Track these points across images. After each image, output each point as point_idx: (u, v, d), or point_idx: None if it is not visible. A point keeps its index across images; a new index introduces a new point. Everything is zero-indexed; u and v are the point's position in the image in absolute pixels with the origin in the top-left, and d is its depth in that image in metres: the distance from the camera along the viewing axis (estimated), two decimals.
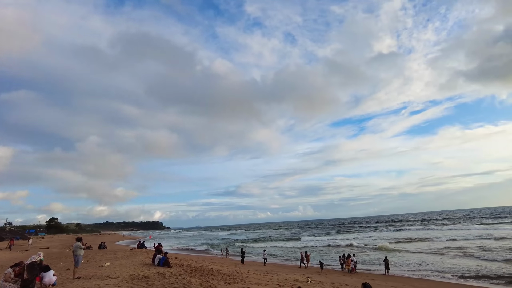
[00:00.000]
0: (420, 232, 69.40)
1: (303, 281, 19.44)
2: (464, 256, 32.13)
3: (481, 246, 38.28)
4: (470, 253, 33.68)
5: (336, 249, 46.85)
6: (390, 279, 23.44)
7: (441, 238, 51.12)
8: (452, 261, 30.15)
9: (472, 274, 24.19)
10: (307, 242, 63.26)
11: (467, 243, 42.49)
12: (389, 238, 58.35)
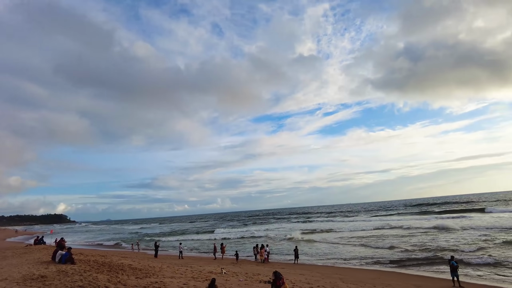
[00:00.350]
0: (327, 223, 75.70)
1: (217, 273, 19.59)
2: (362, 245, 35.96)
3: (376, 235, 43.44)
4: (367, 241, 37.88)
5: (251, 240, 48.35)
6: (299, 267, 25.09)
7: (344, 229, 56.63)
8: (353, 249, 33.60)
9: (369, 260, 27.30)
10: (222, 234, 64.13)
11: (364, 233, 47.82)
12: (300, 229, 62.42)
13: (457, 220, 54.17)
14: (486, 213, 66.32)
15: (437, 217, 65.51)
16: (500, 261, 22.23)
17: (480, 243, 29.79)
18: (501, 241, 29.90)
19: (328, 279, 18.74)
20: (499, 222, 45.24)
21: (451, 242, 32.18)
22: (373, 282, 17.89)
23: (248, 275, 19.67)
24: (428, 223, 51.90)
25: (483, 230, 38.52)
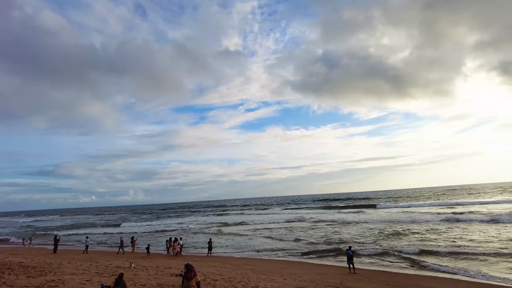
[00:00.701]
0: (242, 216, 77.68)
1: (126, 267, 18.60)
2: (272, 237, 37.77)
3: (286, 227, 46.11)
4: (277, 234, 39.94)
5: (165, 234, 47.03)
6: (212, 260, 25.28)
7: (258, 221, 58.87)
8: (265, 241, 35.10)
9: (278, 252, 28.84)
10: (130, 227, 61.04)
11: (276, 225, 50.42)
12: (216, 222, 62.87)
13: (355, 215, 60.75)
14: (379, 208, 75.67)
15: (340, 211, 72.42)
16: (387, 250, 25.53)
17: (373, 235, 33.81)
18: (388, 233, 34.39)
19: (240, 270, 19.26)
20: (390, 216, 51.89)
21: (351, 234, 35.90)
22: (281, 272, 18.96)
23: (159, 268, 19.12)
24: (331, 217, 57.07)
25: (376, 223, 43.83)
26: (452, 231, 32.46)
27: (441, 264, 20.17)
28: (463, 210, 52.19)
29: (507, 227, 33.13)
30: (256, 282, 15.38)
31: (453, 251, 23.04)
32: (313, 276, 17.90)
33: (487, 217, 39.94)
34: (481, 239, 26.86)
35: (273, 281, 15.76)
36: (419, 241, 28.14)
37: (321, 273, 19.00)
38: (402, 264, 21.28)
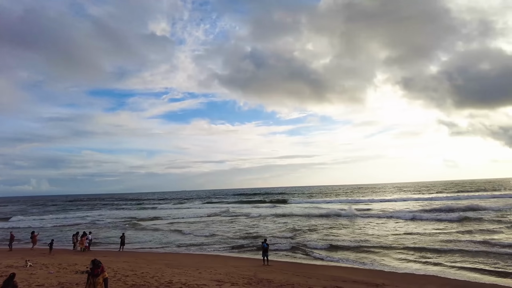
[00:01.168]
0: (161, 210, 75.19)
1: (20, 266, 16.54)
2: (190, 231, 37.31)
3: (205, 221, 46.03)
4: (196, 228, 39.61)
5: (72, 228, 42.99)
6: (125, 255, 23.94)
7: (177, 215, 57.57)
8: (182, 235, 34.48)
9: (195, 246, 28.62)
10: (25, 222, 54.05)
11: (195, 219, 49.96)
12: (130, 216, 59.67)
13: (272, 209, 63.42)
14: (295, 203, 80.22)
15: (258, 206, 74.79)
16: (300, 243, 27.25)
17: (287, 229, 35.74)
18: (301, 227, 36.72)
19: (154, 265, 18.63)
20: (303, 211, 55.42)
21: (267, 228, 37.40)
22: (197, 266, 18.85)
23: (62, 266, 17.44)
24: (250, 211, 58.67)
25: (291, 218, 46.39)
26: (358, 226, 36.02)
27: (346, 256, 22.35)
28: (368, 207, 58.36)
29: (399, 222, 37.93)
30: (170, 276, 15.04)
31: (357, 245, 25.53)
32: (229, 269, 18.19)
33: (386, 213, 45.17)
34: (381, 233, 30.30)
35: (188, 275, 15.59)
36: (328, 235, 30.57)
37: (237, 266, 19.41)
38: (312, 256, 22.94)
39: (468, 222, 33.52)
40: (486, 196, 70.78)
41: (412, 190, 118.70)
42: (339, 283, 14.62)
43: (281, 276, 16.35)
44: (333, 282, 14.82)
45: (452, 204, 50.48)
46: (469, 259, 19.41)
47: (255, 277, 15.83)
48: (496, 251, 20.76)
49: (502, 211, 40.58)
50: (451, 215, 38.00)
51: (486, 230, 28.62)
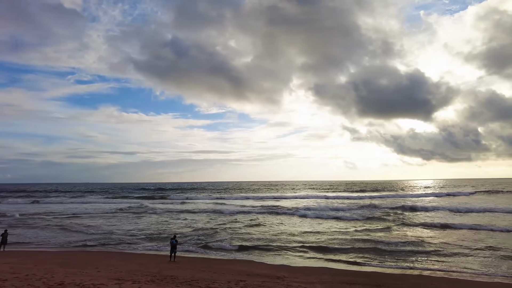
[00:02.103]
0: (59, 205, 67.65)
1: None
2: (89, 227, 34.45)
3: (109, 217, 42.99)
4: (96, 223, 36.70)
5: None
6: (7, 255, 20.91)
7: (77, 209, 52.44)
8: (81, 232, 31.55)
9: (94, 242, 26.51)
10: None
11: (96, 214, 46.25)
12: (17, 209, 52.30)
13: (184, 205, 62.34)
14: (207, 199, 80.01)
15: (170, 201, 72.71)
16: (210, 239, 27.35)
17: (199, 225, 35.59)
18: (214, 222, 36.91)
19: (44, 266, 16.66)
20: (217, 207, 55.65)
21: (176, 224, 36.67)
22: (96, 264, 17.48)
23: None
24: (161, 206, 56.62)
25: (205, 214, 46.26)
26: (269, 222, 37.60)
27: (252, 251, 23.18)
28: (278, 203, 61.36)
29: (306, 219, 40.82)
30: (62, 277, 13.62)
31: (266, 243, 26.68)
32: (132, 266, 17.31)
33: (294, 210, 47.86)
34: (287, 230, 32.14)
35: (84, 275, 14.34)
36: (237, 231, 31.27)
37: (141, 263, 18.58)
38: (219, 252, 23.24)
39: (367, 221, 37.56)
40: (383, 196, 79.66)
41: (318, 188, 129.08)
42: (243, 277, 15.09)
43: (186, 272, 16.18)
44: (238, 276, 15.23)
45: (353, 203, 56.27)
46: (359, 254, 21.78)
47: (159, 274, 15.35)
48: (386, 248, 23.65)
49: (393, 209, 46.03)
50: (352, 213, 42.38)
51: (380, 228, 32.57)
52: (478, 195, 74.34)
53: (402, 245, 23.32)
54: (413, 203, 53.36)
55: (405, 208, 46.52)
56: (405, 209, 45.71)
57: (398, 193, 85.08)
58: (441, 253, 20.89)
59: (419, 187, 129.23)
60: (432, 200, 63.41)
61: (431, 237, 26.12)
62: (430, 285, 14.74)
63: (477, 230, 28.61)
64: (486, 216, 37.96)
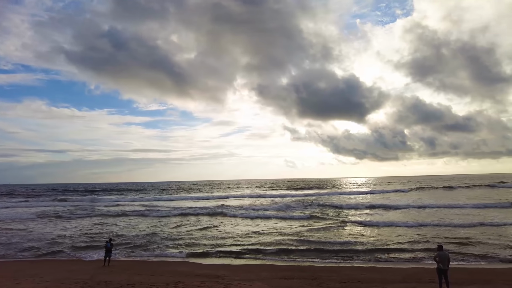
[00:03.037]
0: None
1: None
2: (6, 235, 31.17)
3: (31, 223, 39.19)
4: (16, 228, 33.31)
5: None
6: None
7: None
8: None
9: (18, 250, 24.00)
10: None
11: (17, 220, 41.88)
12: None
13: (122, 207, 59.10)
14: (146, 201, 76.80)
15: (105, 203, 68.40)
16: (150, 242, 26.36)
17: (141, 227, 34.06)
18: (155, 224, 35.60)
19: None
20: (155, 208, 53.72)
21: (114, 227, 34.67)
22: (16, 275, 15.84)
23: None
24: (98, 209, 53.04)
25: (147, 217, 44.33)
26: (210, 223, 37.26)
27: (193, 254, 22.87)
28: (222, 202, 61.03)
29: (246, 220, 41.22)
30: None
31: (207, 242, 26.45)
32: (61, 274, 16.02)
33: (237, 210, 48.03)
34: (231, 230, 32.14)
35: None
36: (179, 233, 30.59)
37: (71, 270, 17.26)
38: (159, 254, 22.52)
39: (306, 221, 38.98)
40: (322, 193, 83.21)
41: (261, 187, 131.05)
42: (182, 278, 14.82)
43: (122, 276, 15.41)
44: (176, 278, 14.90)
45: (294, 200, 58.09)
46: (299, 251, 22.54)
47: (91, 281, 14.42)
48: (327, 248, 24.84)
49: (331, 208, 48.10)
50: (293, 212, 43.76)
51: (319, 227, 34.05)
52: (409, 192, 79.48)
53: (339, 241, 24.64)
54: (349, 201, 57.01)
55: (342, 207, 47.87)
56: (342, 207, 47.37)
57: (336, 191, 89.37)
58: (373, 247, 22.44)
59: (355, 184, 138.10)
60: (367, 197, 67.72)
61: (364, 234, 27.77)
62: (360, 275, 15.86)
63: (409, 227, 30.31)
64: (419, 212, 40.41)
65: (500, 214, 36.40)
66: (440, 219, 33.09)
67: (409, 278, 14.91)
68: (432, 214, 37.46)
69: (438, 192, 75.35)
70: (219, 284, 13.70)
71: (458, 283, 13.46)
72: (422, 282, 14.14)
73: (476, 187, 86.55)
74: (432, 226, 29.54)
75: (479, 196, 61.34)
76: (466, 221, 30.96)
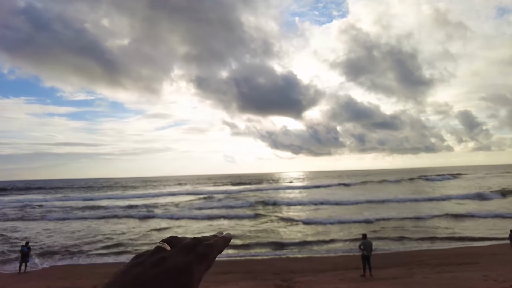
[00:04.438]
0: None
1: None
2: None
3: None
4: None
5: None
6: None
7: None
8: None
9: None
10: None
11: None
12: None
13: (41, 209, 53.72)
14: (71, 200, 70.57)
15: (22, 203, 61.50)
16: (74, 245, 24.43)
17: (41, 235, 31.34)
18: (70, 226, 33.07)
19: None
20: (76, 208, 49.91)
21: (28, 229, 31.52)
22: None
23: None
24: (10, 210, 47.54)
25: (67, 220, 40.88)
26: (140, 225, 35.67)
27: (120, 255, 21.77)
28: (156, 201, 58.67)
29: (182, 220, 40.30)
30: None
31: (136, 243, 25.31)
32: None
33: (170, 208, 46.55)
34: (166, 233, 31.14)
35: None
36: (104, 234, 28.88)
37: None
38: (84, 257, 21.04)
39: (242, 219, 39.27)
40: (260, 188, 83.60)
41: (199, 183, 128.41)
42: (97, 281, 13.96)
43: (41, 283, 14.05)
44: (104, 280, 13.99)
45: (232, 197, 58.10)
46: (237, 247, 22.81)
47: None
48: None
49: (268, 204, 48.60)
50: (231, 209, 43.80)
51: (257, 223, 34.50)
52: (352, 186, 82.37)
53: (279, 236, 25.31)
54: (290, 195, 58.85)
55: (282, 203, 47.29)
56: (282, 204, 46.79)
57: (276, 186, 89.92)
58: (308, 241, 23.36)
59: (295, 179, 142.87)
60: (303, 192, 69.42)
61: (301, 230, 28.58)
62: (293, 266, 16.51)
63: (343, 223, 31.89)
64: (354, 207, 42.15)
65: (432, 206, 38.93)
66: (378, 213, 34.98)
67: (338, 266, 15.89)
68: (370, 208, 40.30)
69: (377, 186, 79.52)
70: None
71: (379, 267, 14.70)
72: (349, 269, 15.17)
73: (407, 181, 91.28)
74: (380, 220, 29.89)
75: (410, 190, 65.74)
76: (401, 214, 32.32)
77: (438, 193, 51.67)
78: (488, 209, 33.87)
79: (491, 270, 13.09)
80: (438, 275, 12.83)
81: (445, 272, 13.18)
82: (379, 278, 12.95)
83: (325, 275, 14.20)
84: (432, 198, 45.63)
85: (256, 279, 13.84)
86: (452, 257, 16.80)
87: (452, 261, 15.60)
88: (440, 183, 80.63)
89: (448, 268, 13.99)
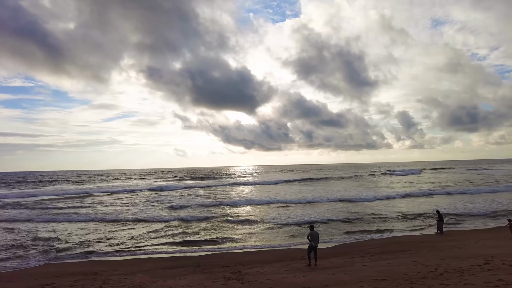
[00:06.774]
0: None
1: None
2: None
3: None
4: None
5: None
6: None
7: None
8: None
9: None
10: None
11: None
12: None
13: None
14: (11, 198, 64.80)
15: None
16: None
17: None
18: None
19: None
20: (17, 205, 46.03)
21: None
22: None
23: None
24: None
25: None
26: (77, 227, 33.66)
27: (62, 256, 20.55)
28: (98, 199, 55.66)
29: (125, 223, 38.82)
30: None
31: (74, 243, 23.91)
32: None
33: (114, 207, 44.61)
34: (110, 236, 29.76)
35: None
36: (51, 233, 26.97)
37: None
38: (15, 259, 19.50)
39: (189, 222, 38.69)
40: (211, 185, 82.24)
41: (147, 178, 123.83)
42: (51, 280, 13.20)
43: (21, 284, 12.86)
44: (43, 280, 13.17)
45: (180, 195, 56.98)
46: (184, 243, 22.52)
47: None
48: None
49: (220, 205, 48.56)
50: (185, 211, 42.84)
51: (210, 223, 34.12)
52: (296, 183, 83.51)
53: (231, 233, 25.51)
54: (244, 192, 59.24)
55: (233, 203, 41.41)
56: (234, 204, 40.56)
57: (231, 181, 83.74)
58: (256, 237, 23.97)
59: (245, 173, 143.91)
60: (255, 188, 68.07)
61: (249, 227, 29.30)
62: (242, 258, 16.83)
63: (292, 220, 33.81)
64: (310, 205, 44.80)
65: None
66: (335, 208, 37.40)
67: (285, 257, 16.48)
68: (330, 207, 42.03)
69: (329, 183, 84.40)
70: (96, 281, 12.67)
71: (323, 257, 15.52)
72: (296, 259, 15.82)
73: (356, 177, 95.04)
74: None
75: (356, 184, 70.60)
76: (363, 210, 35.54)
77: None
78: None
79: (420, 256, 14.50)
80: (376, 262, 13.89)
81: (383, 260, 14.31)
82: (323, 267, 13.67)
83: (272, 266, 14.67)
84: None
85: (205, 272, 13.90)
86: (388, 246, 18.27)
87: (388, 250, 16.97)
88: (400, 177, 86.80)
89: (385, 256, 15.20)
